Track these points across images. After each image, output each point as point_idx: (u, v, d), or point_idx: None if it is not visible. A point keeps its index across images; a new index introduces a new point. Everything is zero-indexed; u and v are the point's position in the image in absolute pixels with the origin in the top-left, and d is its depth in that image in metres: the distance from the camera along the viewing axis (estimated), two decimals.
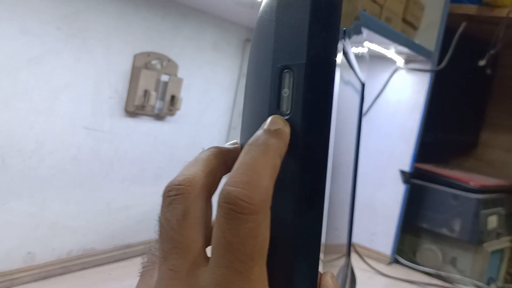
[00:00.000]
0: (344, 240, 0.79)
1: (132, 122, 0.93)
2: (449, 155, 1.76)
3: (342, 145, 0.60)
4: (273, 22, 0.25)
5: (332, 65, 0.24)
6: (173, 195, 0.23)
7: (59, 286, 0.81)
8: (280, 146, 0.23)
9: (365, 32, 0.97)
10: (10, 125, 0.72)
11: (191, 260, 0.22)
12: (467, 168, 1.64)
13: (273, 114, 0.25)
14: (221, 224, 0.21)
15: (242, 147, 0.27)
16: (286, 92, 0.25)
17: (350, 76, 0.55)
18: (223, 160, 0.26)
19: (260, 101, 0.26)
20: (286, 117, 0.25)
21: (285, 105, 0.25)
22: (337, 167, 0.57)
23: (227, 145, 0.27)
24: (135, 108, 0.91)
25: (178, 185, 0.23)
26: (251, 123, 0.26)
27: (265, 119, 0.25)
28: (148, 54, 0.92)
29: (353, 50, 0.59)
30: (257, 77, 0.26)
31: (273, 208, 0.23)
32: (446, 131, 1.59)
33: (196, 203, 0.23)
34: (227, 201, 0.21)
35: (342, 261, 0.77)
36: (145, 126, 0.96)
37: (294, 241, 0.24)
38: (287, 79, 0.25)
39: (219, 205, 0.21)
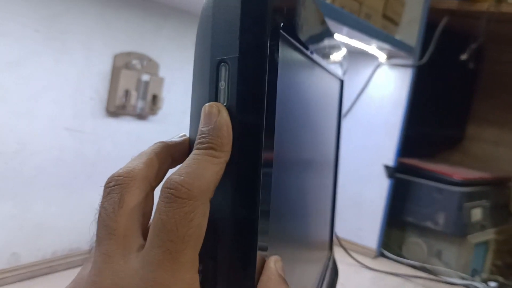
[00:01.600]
0: (325, 234, 0.80)
1: (114, 122, 0.94)
2: (436, 149, 1.78)
3: (316, 140, 0.61)
4: (210, 18, 0.26)
5: (263, 58, 0.26)
6: (112, 186, 0.24)
7: (45, 286, 0.81)
8: (225, 142, 0.25)
9: (345, 29, 0.98)
10: None
11: (125, 245, 0.23)
12: (454, 162, 1.66)
13: None
14: (159, 207, 0.22)
15: (190, 140, 0.29)
16: (222, 84, 0.26)
17: (319, 74, 0.56)
18: (169, 153, 0.27)
19: (202, 93, 0.27)
20: (224, 105, 0.26)
21: (222, 97, 0.26)
22: (312, 163, 0.58)
23: (175, 138, 0.28)
24: (116, 108, 0.92)
25: (117, 176, 0.25)
26: (195, 116, 0.28)
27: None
28: (129, 54, 0.93)
29: (327, 49, 0.60)
30: (199, 71, 0.28)
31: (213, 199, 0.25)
32: (431, 126, 1.61)
33: (133, 193, 0.24)
34: (167, 186, 0.22)
35: (323, 255, 0.78)
36: (127, 126, 0.96)
37: (229, 230, 0.25)
38: (223, 72, 0.26)
39: (161, 191, 0.23)
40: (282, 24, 0.29)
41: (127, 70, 0.92)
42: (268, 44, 0.26)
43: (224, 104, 0.27)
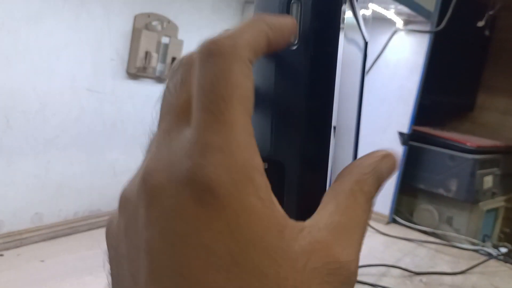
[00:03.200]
0: None
1: (134, 85, 0.93)
2: (446, 117, 1.77)
3: (344, 103, 0.60)
4: None
5: None
6: (176, 69, 0.23)
7: (67, 246, 0.82)
8: (275, 22, 0.23)
9: None
10: (13, 86, 0.72)
11: (184, 120, 0.21)
12: (463, 131, 1.65)
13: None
14: (196, 71, 0.21)
15: None
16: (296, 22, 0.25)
17: (355, 30, 0.55)
18: None
19: None
20: (294, 47, 0.25)
21: (293, 37, 0.25)
22: (338, 125, 0.57)
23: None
24: (137, 70, 0.91)
25: (181, 60, 0.23)
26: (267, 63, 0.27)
27: (275, 55, 0.25)
28: (148, 15, 0.91)
29: (360, 8, 0.58)
30: (265, 11, 0.27)
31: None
32: (443, 94, 1.60)
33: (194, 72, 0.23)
34: (201, 46, 0.21)
35: None
36: (147, 88, 0.95)
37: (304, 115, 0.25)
38: (295, 11, 0.25)
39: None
40: None
41: (148, 31, 0.90)
42: None
43: (295, 43, 0.26)
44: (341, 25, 0.27)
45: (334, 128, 0.27)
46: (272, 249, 0.19)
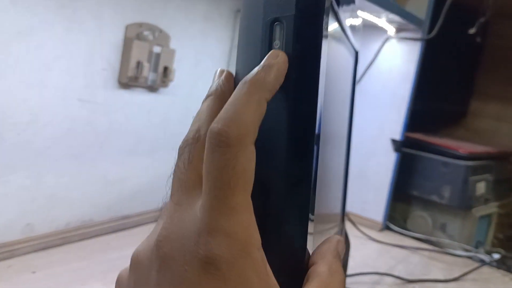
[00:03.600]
0: (338, 207, 0.80)
1: (126, 94, 0.93)
2: (439, 124, 1.78)
3: (335, 112, 0.60)
4: None
5: (320, 16, 0.25)
6: (183, 147, 0.26)
7: (59, 257, 0.82)
8: (268, 80, 0.25)
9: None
10: (3, 98, 0.72)
11: (193, 195, 0.24)
12: (457, 137, 1.66)
13: None
14: (205, 157, 0.23)
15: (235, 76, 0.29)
16: (277, 44, 0.26)
17: (343, 43, 0.56)
18: (222, 103, 0.27)
19: (253, 54, 0.27)
20: None
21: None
22: (329, 133, 0.58)
23: (220, 82, 0.29)
24: (129, 80, 0.91)
25: (185, 140, 0.26)
26: (244, 75, 0.27)
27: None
28: (140, 24, 0.92)
29: (347, 19, 0.59)
30: (249, 30, 0.27)
31: (262, 150, 0.25)
32: (436, 100, 1.61)
33: (199, 149, 0.26)
34: (208, 135, 0.23)
35: (337, 227, 0.79)
36: (139, 98, 0.96)
37: (284, 182, 0.26)
38: (278, 31, 0.26)
39: (206, 140, 0.24)
40: None
41: (139, 41, 0.90)
42: (325, 2, 0.26)
43: None
44: (324, 44, 0.28)
45: (317, 145, 0.28)
46: None
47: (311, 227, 0.28)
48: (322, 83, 0.31)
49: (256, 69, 0.25)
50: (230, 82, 0.29)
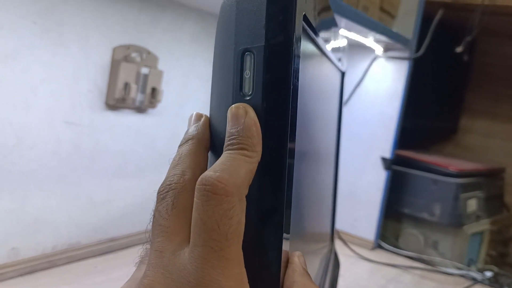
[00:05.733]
0: (327, 226, 0.80)
1: (113, 115, 0.93)
2: (429, 141, 1.79)
3: (321, 132, 0.61)
4: (234, 7, 0.26)
5: (289, 47, 0.26)
6: (165, 192, 0.25)
7: (45, 281, 0.81)
8: (253, 143, 0.25)
9: (343, 21, 0.98)
10: None
11: (176, 242, 0.24)
12: (447, 154, 1.67)
13: (236, 95, 0.26)
14: (197, 206, 0.23)
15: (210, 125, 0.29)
16: (247, 74, 0.26)
17: (325, 65, 0.56)
18: (205, 148, 0.28)
19: (225, 83, 0.27)
20: (248, 98, 0.26)
21: (247, 86, 0.26)
22: (315, 153, 0.58)
23: (198, 126, 0.29)
24: (116, 101, 0.91)
25: (168, 184, 0.26)
26: (218, 105, 0.28)
27: (229, 100, 0.26)
28: (128, 47, 0.92)
29: (331, 40, 0.59)
30: (222, 60, 0.27)
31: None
32: (425, 118, 1.61)
33: (184, 195, 0.25)
34: (204, 183, 0.22)
35: (326, 247, 0.78)
36: (126, 119, 0.96)
37: (257, 220, 0.26)
38: (248, 62, 0.26)
39: (196, 189, 0.23)
40: (304, 13, 0.29)
41: (127, 63, 0.91)
42: (295, 32, 0.26)
43: (250, 93, 0.26)
44: (297, 71, 0.28)
45: (291, 170, 0.28)
46: None
47: (287, 246, 0.28)
48: (300, 109, 0.31)
49: (237, 133, 0.25)
50: (208, 127, 0.29)
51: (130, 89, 0.91)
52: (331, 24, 0.55)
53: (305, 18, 0.31)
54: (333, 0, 0.91)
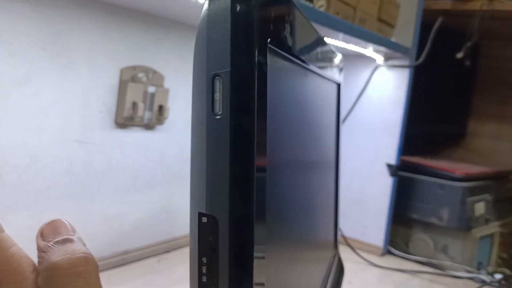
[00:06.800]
0: (328, 233, 0.83)
1: (122, 133, 0.97)
2: (438, 146, 1.80)
3: (313, 142, 0.64)
4: (205, 37, 0.30)
5: (252, 71, 0.29)
6: None
7: None
8: None
9: (340, 35, 1.01)
10: (4, 143, 0.77)
11: None
12: (456, 158, 1.68)
13: (208, 115, 0.29)
14: None
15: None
16: (217, 96, 0.29)
17: (312, 79, 0.59)
18: None
19: (200, 104, 0.30)
20: (219, 117, 0.29)
21: (218, 107, 0.29)
22: (311, 164, 0.61)
23: None
24: (124, 120, 0.95)
25: None
26: (195, 125, 0.31)
27: (204, 119, 0.29)
28: (134, 67, 0.97)
29: (320, 55, 0.63)
30: (197, 83, 0.31)
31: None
32: (432, 124, 1.63)
33: None
34: None
35: (328, 253, 0.81)
36: (135, 136, 1.00)
37: (226, 232, 0.29)
38: (218, 85, 0.29)
39: None
40: (269, 39, 0.32)
41: (134, 83, 0.95)
42: (256, 58, 0.30)
43: (220, 113, 0.30)
44: (270, 92, 0.31)
45: (263, 189, 0.31)
46: None
47: (261, 265, 0.31)
48: (276, 124, 0.34)
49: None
50: None
51: (137, 107, 0.95)
52: (317, 43, 0.58)
53: (274, 43, 0.34)
54: (328, 16, 0.94)
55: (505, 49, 1.74)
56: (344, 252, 1.25)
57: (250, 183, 0.30)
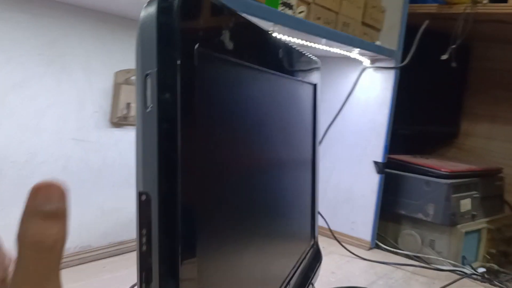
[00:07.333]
0: (303, 226, 0.88)
1: (117, 132, 1.04)
2: (431, 146, 1.84)
3: (279, 143, 0.69)
4: (140, 41, 0.36)
5: (174, 72, 0.35)
6: None
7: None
8: None
9: (323, 40, 1.06)
10: (3, 141, 0.84)
11: None
12: (449, 158, 1.72)
13: (142, 108, 0.35)
14: None
15: None
16: (149, 92, 0.35)
17: (274, 81, 0.65)
18: None
19: (138, 99, 0.36)
20: (149, 110, 0.35)
21: (149, 102, 0.35)
22: (271, 163, 0.65)
23: None
24: (119, 119, 1.03)
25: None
26: (136, 117, 0.37)
27: (140, 112, 0.34)
28: (128, 71, 1.04)
29: (287, 57, 0.68)
30: (136, 81, 0.37)
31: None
32: (423, 124, 1.67)
33: None
34: None
35: (304, 244, 0.87)
36: (129, 134, 1.07)
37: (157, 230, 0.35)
38: (149, 82, 0.36)
39: None
40: (198, 43, 0.38)
41: (127, 85, 1.02)
42: (179, 61, 0.36)
43: (151, 106, 0.36)
44: (191, 90, 0.37)
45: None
46: None
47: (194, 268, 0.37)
48: (201, 124, 0.40)
49: None
50: None
51: (131, 108, 1.03)
52: (267, 43, 0.63)
53: (206, 46, 0.40)
54: (308, 24, 0.99)
55: (497, 50, 1.77)
56: (332, 246, 1.31)
57: (174, 164, 0.36)
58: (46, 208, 0.26)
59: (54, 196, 0.27)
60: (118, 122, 1.03)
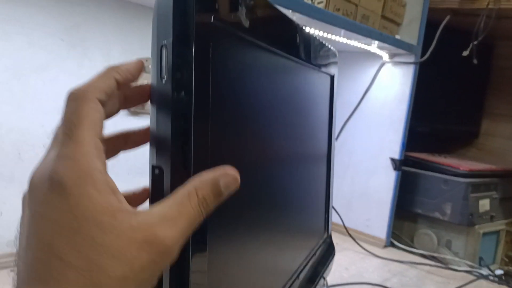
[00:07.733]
0: (318, 220, 0.87)
1: (134, 120, 1.05)
2: (451, 145, 1.81)
3: (302, 131, 0.68)
4: (156, 14, 0.36)
5: (190, 42, 0.35)
6: (71, 99, 0.32)
7: None
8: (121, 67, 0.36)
9: (342, 31, 1.06)
10: (23, 124, 0.85)
11: (57, 140, 0.31)
12: (469, 157, 1.69)
13: (158, 79, 0.35)
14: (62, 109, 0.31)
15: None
16: (164, 62, 0.36)
17: (289, 66, 0.64)
18: (115, 73, 0.37)
19: (154, 70, 0.36)
20: (164, 80, 0.35)
21: (164, 72, 0.35)
22: (306, 151, 0.64)
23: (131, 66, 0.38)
24: (136, 108, 1.03)
25: (75, 91, 0.33)
26: (152, 89, 0.37)
27: (155, 82, 0.35)
28: (146, 59, 1.04)
29: (304, 45, 0.67)
30: (152, 53, 0.37)
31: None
32: (442, 121, 1.64)
33: (88, 101, 0.32)
34: (67, 94, 0.32)
35: (317, 237, 0.86)
36: (146, 122, 1.07)
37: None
38: (164, 53, 0.36)
39: None
40: (213, 17, 0.38)
41: (145, 73, 1.03)
42: (194, 32, 0.36)
43: (165, 77, 0.36)
44: (206, 63, 0.37)
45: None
46: (103, 224, 0.27)
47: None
48: (215, 98, 0.40)
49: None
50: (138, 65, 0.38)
51: None
52: (289, 29, 0.62)
53: (222, 21, 0.40)
54: (327, 13, 0.99)
55: None
56: (346, 243, 1.29)
57: (187, 138, 0.35)
58: None
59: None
60: (135, 110, 1.04)
